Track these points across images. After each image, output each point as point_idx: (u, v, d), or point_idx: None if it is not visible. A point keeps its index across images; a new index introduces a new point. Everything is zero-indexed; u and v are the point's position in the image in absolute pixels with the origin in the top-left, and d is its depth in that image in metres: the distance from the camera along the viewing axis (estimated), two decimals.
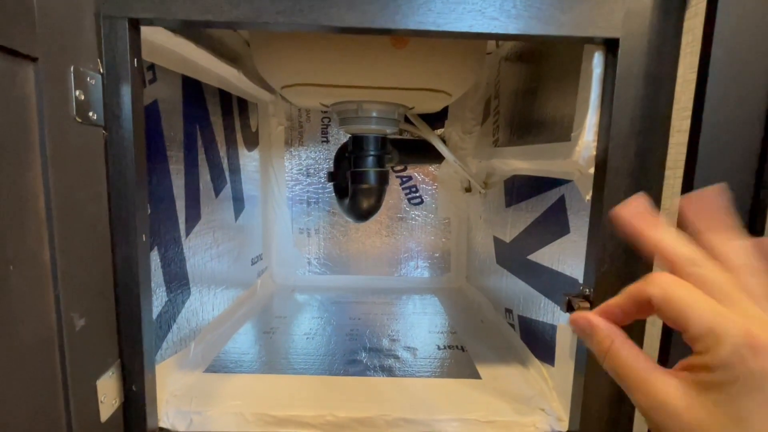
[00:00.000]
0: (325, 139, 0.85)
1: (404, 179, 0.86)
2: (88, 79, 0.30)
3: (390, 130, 0.60)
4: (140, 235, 0.35)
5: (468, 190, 0.85)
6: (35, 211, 0.26)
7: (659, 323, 0.34)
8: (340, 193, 0.70)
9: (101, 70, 0.32)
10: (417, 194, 0.87)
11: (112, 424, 0.34)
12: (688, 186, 0.32)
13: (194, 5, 0.32)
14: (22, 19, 0.24)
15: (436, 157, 0.80)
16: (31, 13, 0.25)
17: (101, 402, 0.33)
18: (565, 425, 0.41)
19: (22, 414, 0.26)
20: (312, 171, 0.86)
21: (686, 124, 0.32)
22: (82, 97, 0.30)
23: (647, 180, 0.34)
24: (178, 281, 0.50)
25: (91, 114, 0.31)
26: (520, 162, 0.54)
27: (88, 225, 0.31)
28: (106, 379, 0.33)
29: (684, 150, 0.32)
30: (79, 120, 0.30)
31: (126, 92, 0.33)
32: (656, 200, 0.34)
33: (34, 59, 0.25)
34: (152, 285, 0.41)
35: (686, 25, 0.32)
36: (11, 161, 0.25)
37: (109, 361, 0.34)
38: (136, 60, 0.33)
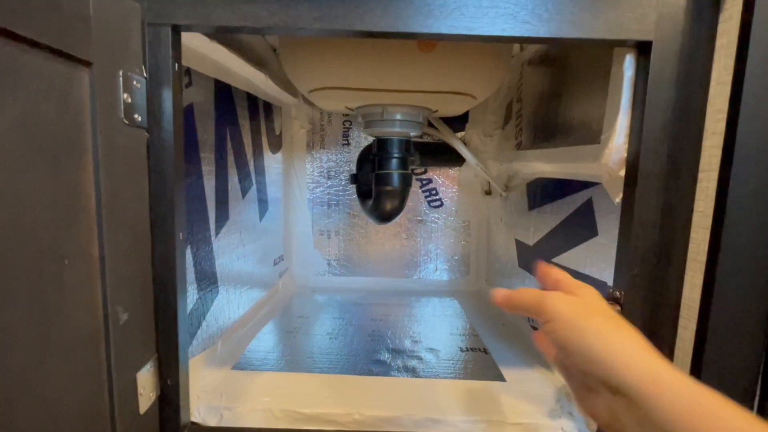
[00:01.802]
0: (345, 142, 0.86)
1: (424, 182, 0.87)
2: (134, 83, 0.32)
3: (414, 133, 0.60)
4: (177, 234, 0.36)
5: (488, 192, 0.85)
6: (87, 209, 0.28)
7: (692, 327, 0.34)
8: (363, 194, 0.71)
9: (145, 75, 0.33)
10: (437, 197, 0.87)
11: (149, 416, 0.36)
12: (722, 189, 0.32)
13: (233, 13, 0.33)
14: (81, 26, 0.26)
15: (457, 160, 0.80)
16: (88, 21, 0.26)
17: (140, 394, 0.34)
18: (594, 429, 0.40)
19: (73, 402, 0.27)
20: (333, 174, 0.87)
21: (721, 126, 0.32)
22: (129, 100, 0.31)
23: (679, 183, 0.34)
24: (207, 280, 0.51)
25: (136, 116, 0.32)
26: (545, 165, 0.54)
27: (131, 223, 0.33)
28: (145, 372, 0.35)
29: (718, 153, 0.32)
30: (126, 122, 0.31)
31: (167, 96, 0.34)
32: (689, 202, 0.34)
33: (89, 64, 0.27)
34: None
35: (720, 28, 0.32)
36: (69, 162, 0.26)
37: (147, 354, 0.35)
38: (177, 65, 0.35)
